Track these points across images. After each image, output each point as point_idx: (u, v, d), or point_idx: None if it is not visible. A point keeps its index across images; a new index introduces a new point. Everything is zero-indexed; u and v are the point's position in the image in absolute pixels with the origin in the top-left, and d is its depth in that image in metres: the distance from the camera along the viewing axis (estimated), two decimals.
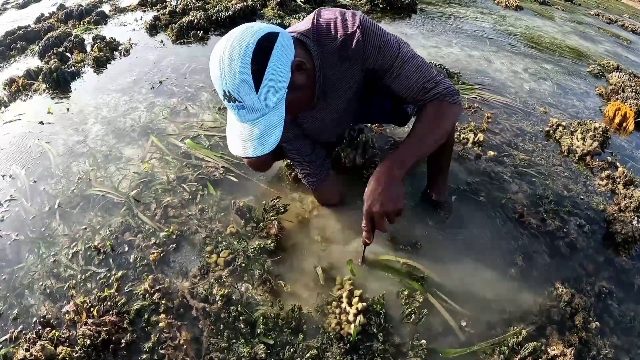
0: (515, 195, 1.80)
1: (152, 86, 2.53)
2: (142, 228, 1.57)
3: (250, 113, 1.01)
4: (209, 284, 1.37)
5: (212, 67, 0.98)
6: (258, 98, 0.98)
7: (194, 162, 1.88)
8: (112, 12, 4.11)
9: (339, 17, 1.14)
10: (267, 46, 0.97)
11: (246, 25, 1.00)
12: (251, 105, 0.99)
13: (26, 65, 3.14)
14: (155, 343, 1.22)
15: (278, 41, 0.99)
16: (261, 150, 1.04)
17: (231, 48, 0.95)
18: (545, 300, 1.41)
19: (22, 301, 1.37)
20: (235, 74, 0.94)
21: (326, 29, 1.15)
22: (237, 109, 1.01)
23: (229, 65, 0.94)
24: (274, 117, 1.03)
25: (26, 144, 2.10)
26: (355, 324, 1.24)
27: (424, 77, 1.17)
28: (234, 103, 0.99)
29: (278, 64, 0.98)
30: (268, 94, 0.99)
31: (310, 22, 1.17)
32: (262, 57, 0.96)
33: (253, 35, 0.96)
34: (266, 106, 1.01)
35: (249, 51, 0.94)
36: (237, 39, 0.96)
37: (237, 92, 0.97)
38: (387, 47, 1.15)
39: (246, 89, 0.96)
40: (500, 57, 3.27)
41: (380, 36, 1.14)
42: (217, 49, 0.98)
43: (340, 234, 1.56)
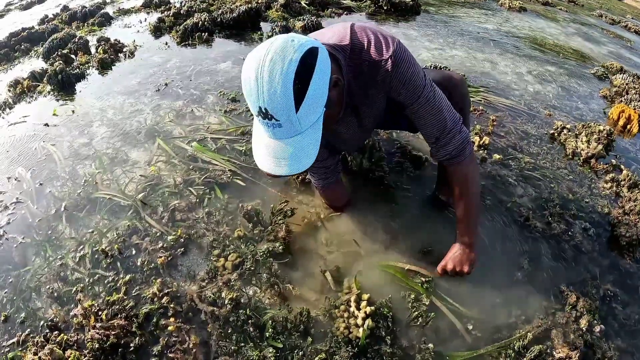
0: (521, 198, 1.81)
1: (157, 88, 2.54)
2: (150, 231, 1.58)
3: (286, 131, 0.95)
4: (217, 288, 1.38)
5: (247, 82, 0.91)
6: (297, 117, 0.93)
7: (200, 165, 1.89)
8: (116, 14, 4.12)
9: (374, 38, 1.11)
10: (310, 63, 0.91)
11: (285, 38, 0.92)
12: (289, 124, 0.94)
13: (30, 66, 3.15)
14: (164, 347, 1.23)
15: (319, 58, 0.93)
16: (295, 169, 0.99)
17: (271, 63, 0.88)
18: (550, 304, 1.42)
19: (30, 304, 1.37)
20: (276, 92, 0.88)
21: (359, 48, 1.12)
22: (272, 127, 0.95)
23: (269, 82, 0.88)
24: (311, 136, 0.98)
25: (31, 146, 2.11)
26: (363, 328, 1.25)
27: (438, 125, 1.21)
28: (270, 120, 0.93)
29: (320, 83, 0.93)
30: (307, 113, 0.94)
31: (344, 37, 1.13)
32: (305, 76, 0.90)
33: (296, 52, 0.89)
34: (304, 125, 0.96)
35: (291, 69, 0.88)
36: (278, 53, 0.88)
37: (275, 111, 0.91)
38: (413, 84, 1.13)
39: (286, 108, 0.90)
40: (504, 59, 3.28)
41: (409, 71, 1.12)
42: (252, 62, 0.91)
43: (348, 237, 1.56)
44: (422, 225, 1.61)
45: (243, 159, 1.92)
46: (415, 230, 1.59)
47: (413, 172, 1.86)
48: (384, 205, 1.69)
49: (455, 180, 1.31)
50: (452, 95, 1.36)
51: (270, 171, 1.01)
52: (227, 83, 2.56)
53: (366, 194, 1.73)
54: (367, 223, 1.62)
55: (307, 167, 1.00)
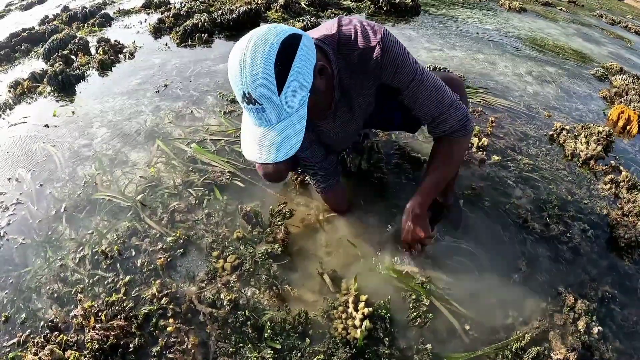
0: (519, 200, 1.81)
1: (157, 90, 2.54)
2: (149, 232, 1.58)
3: (270, 116, 0.96)
4: (216, 289, 1.38)
5: (232, 67, 0.92)
6: (280, 100, 0.93)
7: (200, 166, 1.89)
8: (116, 15, 4.12)
9: (360, 28, 1.12)
10: (291, 47, 0.92)
11: (269, 26, 0.95)
12: (272, 109, 0.94)
13: (31, 67, 3.16)
14: (163, 347, 1.23)
15: (302, 43, 0.95)
16: (280, 156, 0.99)
17: (254, 47, 0.90)
18: (548, 305, 1.42)
19: (30, 305, 1.38)
20: (257, 74, 0.89)
21: (346, 39, 1.13)
22: (257, 112, 0.95)
23: (251, 64, 0.89)
24: (295, 122, 0.99)
25: (32, 147, 2.12)
26: (361, 329, 1.25)
27: (435, 107, 1.20)
28: (254, 105, 0.94)
29: (302, 66, 0.94)
30: (290, 97, 0.94)
31: (332, 30, 1.14)
32: (286, 58, 0.91)
33: (277, 35, 0.91)
34: (288, 109, 0.96)
35: (273, 50, 0.89)
36: (260, 38, 0.91)
37: (258, 94, 0.91)
38: (404, 68, 1.14)
39: (268, 90, 0.91)
40: (504, 60, 3.28)
41: (400, 55, 1.12)
42: (237, 48, 0.93)
43: (346, 239, 1.57)
44: None
45: (242, 160, 1.92)
46: None
47: (412, 174, 1.86)
48: (382, 206, 1.70)
49: (442, 150, 1.29)
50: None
51: (255, 159, 1.02)
52: (226, 84, 2.57)
53: (365, 195, 1.73)
54: (365, 224, 1.62)
55: (292, 153, 1.00)
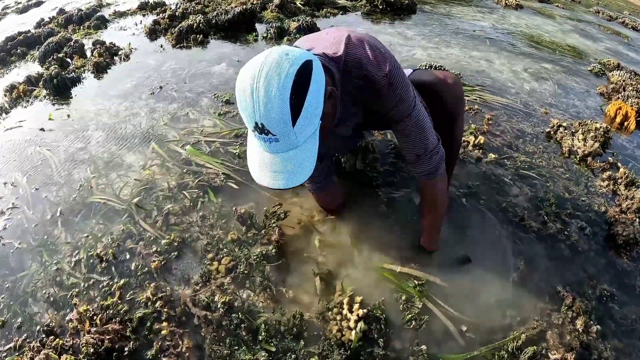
0: (516, 198, 1.80)
1: (152, 92, 2.54)
2: (144, 235, 1.58)
3: (283, 145, 0.94)
4: (210, 292, 1.38)
5: (242, 96, 0.90)
6: (294, 131, 0.92)
7: (194, 168, 1.89)
8: (112, 17, 4.11)
9: (371, 54, 1.11)
10: (306, 76, 0.90)
11: (279, 51, 0.91)
12: (285, 138, 0.92)
13: (27, 71, 3.16)
14: (158, 351, 1.23)
15: (314, 70, 0.92)
16: (293, 182, 0.98)
17: (267, 78, 0.86)
18: (546, 304, 1.41)
19: (26, 309, 1.38)
20: (273, 107, 0.87)
21: (354, 63, 1.11)
22: (269, 142, 0.94)
23: (265, 97, 0.86)
24: (308, 148, 0.98)
25: (27, 151, 2.11)
26: (356, 331, 1.25)
27: (421, 145, 1.26)
28: (266, 135, 0.92)
29: (316, 96, 0.93)
30: (304, 126, 0.93)
31: (338, 48, 1.12)
32: (301, 89, 0.89)
33: (292, 65, 0.88)
34: (300, 138, 0.95)
35: (288, 83, 0.87)
36: (273, 68, 0.87)
37: (271, 126, 0.89)
38: (405, 103, 1.17)
39: (283, 122, 0.89)
40: (500, 57, 3.26)
41: (403, 90, 1.15)
42: (247, 78, 0.89)
43: (341, 240, 1.56)
44: (415, 227, 1.60)
45: (237, 162, 1.92)
46: (409, 232, 1.59)
47: (407, 173, 1.85)
48: (377, 206, 1.69)
49: (427, 194, 1.41)
50: (443, 98, 1.36)
51: (268, 185, 1.00)
52: (221, 85, 2.56)
53: (360, 195, 1.73)
54: (360, 225, 1.62)
55: (305, 179, 0.99)
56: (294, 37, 3.14)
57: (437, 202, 1.40)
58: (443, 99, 1.35)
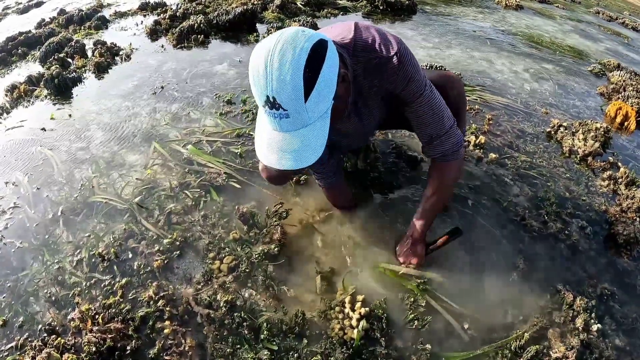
0: (517, 197, 1.81)
1: (153, 91, 2.54)
2: (146, 235, 1.58)
3: (293, 123, 0.93)
4: (212, 290, 1.38)
5: (255, 69, 0.88)
6: (305, 107, 0.90)
7: (196, 168, 1.89)
8: (113, 17, 4.11)
9: (378, 36, 1.12)
10: (320, 53, 0.90)
11: (296, 29, 0.92)
12: (296, 115, 0.91)
13: (27, 71, 3.16)
14: (160, 349, 1.23)
15: (328, 49, 0.92)
16: (301, 163, 0.96)
17: (282, 50, 0.86)
18: (547, 303, 1.42)
19: (28, 308, 1.38)
20: (286, 79, 0.85)
21: (364, 45, 1.12)
22: (279, 117, 0.92)
23: (279, 69, 0.85)
24: (318, 128, 0.96)
25: (29, 151, 2.11)
26: (358, 329, 1.25)
27: (436, 125, 1.24)
28: (277, 110, 0.90)
29: (329, 73, 0.92)
30: (316, 103, 0.92)
31: (348, 34, 1.13)
32: (315, 64, 0.88)
33: (307, 40, 0.88)
34: (312, 116, 0.93)
35: (303, 56, 0.86)
36: (288, 41, 0.87)
37: (283, 99, 0.88)
38: (415, 81, 1.16)
39: (295, 96, 0.88)
40: (500, 57, 3.27)
41: (413, 68, 1.14)
42: (262, 49, 0.88)
43: (343, 239, 1.57)
44: None
45: (238, 161, 1.92)
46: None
47: (408, 173, 1.85)
48: (379, 206, 1.69)
49: (437, 175, 1.35)
50: (448, 95, 1.36)
51: (274, 165, 0.98)
52: (222, 85, 2.56)
53: (361, 194, 1.73)
54: (362, 224, 1.62)
55: (313, 162, 0.97)
56: None
57: (443, 188, 1.36)
58: (447, 95, 1.35)
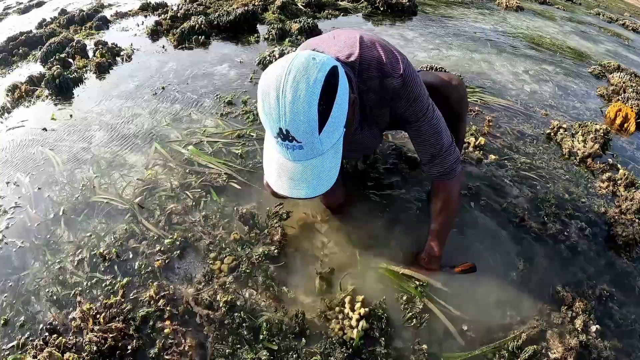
0: (516, 199, 1.81)
1: (154, 92, 2.55)
2: (147, 235, 1.59)
3: (307, 153, 0.91)
4: (213, 291, 1.39)
5: (266, 101, 0.86)
6: (319, 139, 0.89)
7: (197, 168, 1.90)
8: (114, 17, 4.12)
9: (385, 55, 1.11)
10: (333, 83, 0.88)
11: (306, 56, 0.88)
12: (310, 146, 0.89)
13: (28, 71, 3.16)
14: (161, 349, 1.24)
15: (340, 77, 0.90)
16: (314, 192, 0.95)
17: (295, 81, 0.83)
18: (546, 304, 1.42)
19: (29, 308, 1.38)
20: (299, 113, 0.83)
21: (369, 64, 1.11)
22: (292, 149, 0.90)
23: (292, 102, 0.83)
24: (331, 157, 0.95)
25: (30, 151, 2.12)
26: (357, 329, 1.26)
27: (436, 145, 1.24)
28: (290, 142, 0.88)
29: (342, 102, 0.90)
30: (329, 134, 0.90)
31: (352, 51, 1.11)
32: (329, 96, 0.86)
33: (319, 70, 0.86)
34: (325, 146, 0.92)
35: (317, 89, 0.84)
36: (301, 72, 0.84)
37: (297, 132, 0.86)
38: (419, 103, 1.16)
39: (309, 129, 0.86)
40: (501, 59, 3.28)
41: (417, 90, 1.14)
42: (272, 81, 0.86)
43: (343, 240, 1.57)
44: (417, 227, 1.61)
45: (239, 162, 1.92)
46: (410, 232, 1.60)
47: (408, 174, 1.86)
48: (379, 207, 1.70)
49: (439, 195, 1.36)
50: (449, 99, 1.37)
51: (287, 194, 0.96)
52: (223, 86, 2.57)
53: (361, 196, 1.73)
54: (362, 225, 1.62)
55: (327, 189, 0.95)
56: (295, 38, 3.15)
57: (450, 205, 1.37)
58: (448, 99, 1.36)
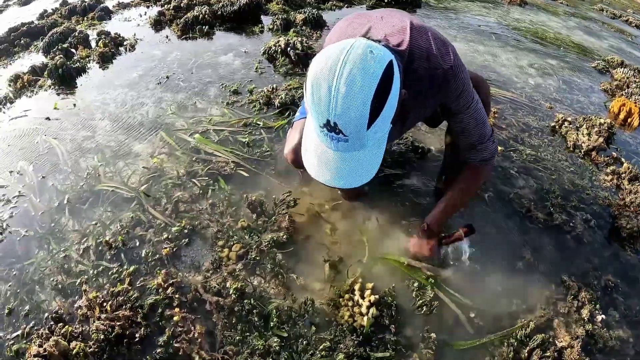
0: (522, 190, 1.82)
1: (159, 81, 2.53)
2: (153, 223, 1.58)
3: (351, 146, 0.88)
4: (222, 278, 1.38)
5: (317, 92, 0.83)
6: (367, 134, 0.86)
7: (203, 157, 1.89)
8: (116, 8, 4.09)
9: (435, 44, 1.06)
10: (389, 79, 0.83)
11: (364, 47, 0.83)
12: (355, 140, 0.87)
13: (30, 61, 3.13)
14: (170, 337, 1.23)
15: (395, 72, 0.85)
16: (354, 182, 0.94)
17: (351, 75, 0.80)
18: (552, 293, 1.43)
19: (33, 297, 1.37)
20: (351, 108, 0.80)
21: (419, 55, 1.05)
22: (337, 141, 0.87)
23: (346, 97, 0.80)
24: (374, 151, 0.92)
25: (33, 140, 2.10)
26: (368, 316, 1.26)
27: (478, 135, 1.24)
28: (337, 135, 0.85)
29: (394, 100, 0.86)
30: (377, 130, 0.87)
31: (405, 38, 1.04)
32: (383, 94, 0.83)
33: (377, 64, 0.81)
34: (370, 141, 0.89)
35: (373, 85, 0.80)
36: (357, 65, 0.80)
37: (345, 127, 0.83)
38: (466, 95, 1.15)
39: (359, 125, 0.83)
40: (505, 52, 3.27)
41: (465, 82, 1.13)
42: (325, 70, 0.82)
43: (351, 227, 1.57)
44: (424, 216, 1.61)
45: (246, 150, 1.92)
46: (418, 220, 1.60)
47: (416, 163, 1.86)
48: (386, 195, 1.70)
49: (469, 175, 1.36)
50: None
51: (326, 183, 0.96)
52: (228, 75, 2.56)
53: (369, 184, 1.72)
54: (370, 213, 1.63)
55: (366, 181, 0.94)
56: (300, 29, 3.14)
57: (472, 184, 1.38)
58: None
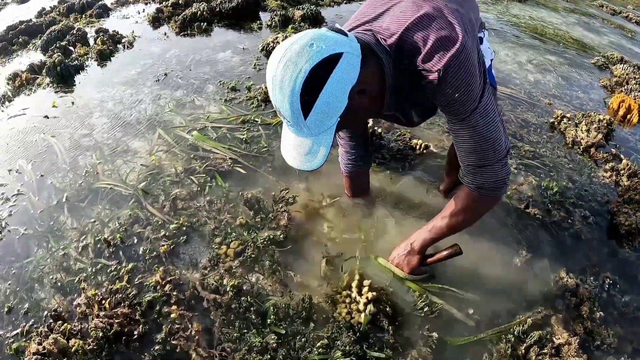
0: (521, 186, 1.81)
1: (157, 79, 2.53)
2: (151, 220, 1.58)
3: (298, 132, 0.96)
4: (219, 275, 1.39)
5: (267, 78, 0.90)
6: (306, 124, 0.91)
7: (201, 154, 1.89)
8: (114, 5, 4.08)
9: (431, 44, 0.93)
10: (322, 75, 0.85)
11: (307, 41, 0.86)
12: (298, 127, 0.93)
13: (29, 59, 3.13)
14: (167, 334, 1.24)
15: (338, 67, 0.86)
16: (306, 167, 0.99)
17: (284, 69, 0.85)
18: (550, 290, 1.43)
19: (33, 295, 1.38)
20: (284, 99, 0.87)
21: (406, 51, 0.97)
22: (287, 125, 0.97)
23: (280, 88, 0.86)
24: (322, 141, 0.96)
25: (32, 139, 2.10)
26: (365, 313, 1.26)
27: (476, 158, 1.06)
28: (284, 119, 0.94)
29: (332, 93, 0.87)
30: (317, 121, 0.91)
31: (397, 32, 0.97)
32: (315, 87, 0.86)
33: (310, 60, 0.84)
34: (314, 132, 0.94)
35: (299, 81, 0.84)
36: (292, 59, 0.84)
37: (285, 115, 0.91)
38: (462, 104, 0.98)
39: (294, 115, 0.89)
40: (504, 48, 3.26)
41: (460, 89, 0.95)
42: (272, 61, 0.88)
43: (349, 225, 1.57)
44: (422, 213, 1.62)
45: (244, 147, 1.92)
46: (415, 218, 1.60)
47: (414, 160, 1.86)
48: (384, 193, 1.70)
49: (465, 202, 1.17)
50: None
51: (292, 164, 1.02)
52: (226, 72, 2.55)
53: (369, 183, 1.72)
54: (368, 210, 1.63)
55: (315, 167, 0.98)
56: (298, 25, 3.13)
57: (470, 214, 1.19)
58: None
